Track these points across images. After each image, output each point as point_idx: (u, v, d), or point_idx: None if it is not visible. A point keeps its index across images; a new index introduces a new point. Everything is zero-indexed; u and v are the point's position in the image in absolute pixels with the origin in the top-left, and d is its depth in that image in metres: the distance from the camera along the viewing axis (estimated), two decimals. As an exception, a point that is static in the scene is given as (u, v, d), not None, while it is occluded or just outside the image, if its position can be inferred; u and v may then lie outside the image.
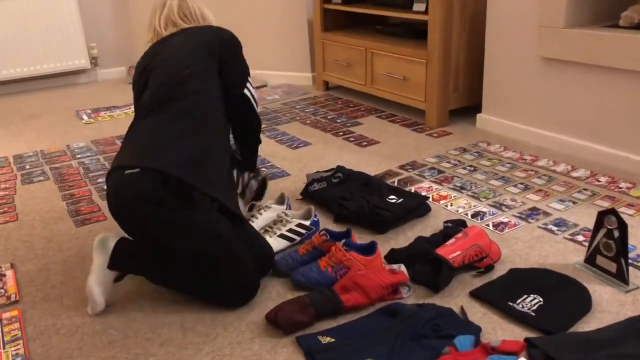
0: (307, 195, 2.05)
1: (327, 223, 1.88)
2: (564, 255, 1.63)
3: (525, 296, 1.41)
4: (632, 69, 2.04)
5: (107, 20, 4.04)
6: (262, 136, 1.82)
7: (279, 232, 1.72)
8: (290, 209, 1.88)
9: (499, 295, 1.43)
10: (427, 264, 1.52)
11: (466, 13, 2.64)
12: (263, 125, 2.91)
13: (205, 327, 1.40)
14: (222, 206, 1.47)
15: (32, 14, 3.66)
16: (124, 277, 1.52)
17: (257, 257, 1.52)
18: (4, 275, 1.66)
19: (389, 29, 3.17)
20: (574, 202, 1.93)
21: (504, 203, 1.95)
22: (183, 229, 1.41)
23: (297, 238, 1.74)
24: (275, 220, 1.76)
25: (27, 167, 2.52)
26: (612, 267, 1.47)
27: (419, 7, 2.72)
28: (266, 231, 1.73)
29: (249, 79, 1.71)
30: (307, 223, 1.76)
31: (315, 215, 1.80)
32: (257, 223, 1.76)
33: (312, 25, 3.44)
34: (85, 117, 3.23)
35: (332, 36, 3.31)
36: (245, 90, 1.67)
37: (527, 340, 1.24)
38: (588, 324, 1.33)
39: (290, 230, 1.73)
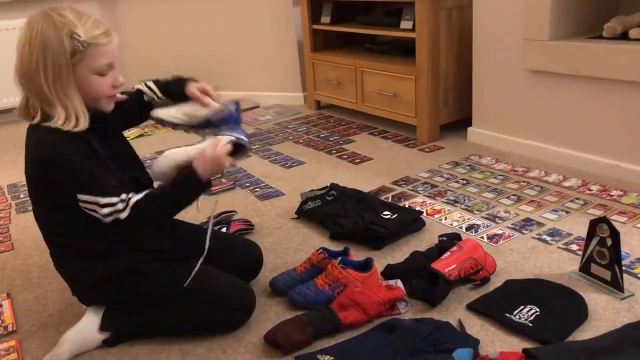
0: (302, 214, 2.05)
1: (323, 241, 1.89)
2: (558, 264, 1.64)
3: (521, 307, 1.41)
4: (617, 78, 2.08)
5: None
6: (255, 156, 1.63)
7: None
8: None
9: (496, 307, 1.44)
10: (424, 279, 1.52)
11: (452, 29, 2.68)
12: (256, 146, 2.93)
13: (204, 350, 1.40)
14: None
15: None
16: (116, 343, 1.45)
17: (245, 261, 1.58)
18: (1, 306, 1.66)
19: (377, 47, 3.21)
20: (566, 212, 1.95)
21: (498, 215, 1.97)
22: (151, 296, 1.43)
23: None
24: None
25: (22, 196, 2.52)
26: (607, 274, 1.48)
27: (406, 25, 2.76)
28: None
29: None
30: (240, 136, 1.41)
31: (237, 106, 1.43)
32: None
33: (302, 45, 3.48)
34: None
35: (322, 56, 3.35)
36: None
37: (524, 351, 1.24)
38: (585, 333, 1.34)
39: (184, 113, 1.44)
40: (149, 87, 1.52)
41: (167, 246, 1.49)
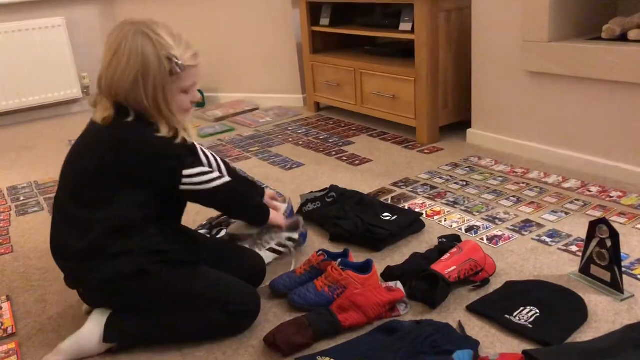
0: (302, 215, 2.05)
1: (322, 243, 1.89)
2: (558, 266, 1.64)
3: (521, 308, 1.41)
4: (616, 80, 2.08)
5: (98, 50, 4.04)
6: (255, 158, 1.78)
7: (267, 246, 1.72)
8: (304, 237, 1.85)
9: (496, 308, 1.44)
10: (424, 280, 1.52)
11: (452, 30, 2.68)
12: (256, 148, 2.93)
13: (204, 352, 1.40)
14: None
15: (23, 46, 3.68)
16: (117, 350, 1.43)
17: (249, 271, 1.57)
18: (1, 308, 1.65)
19: (377, 49, 3.22)
20: (566, 213, 1.95)
21: (497, 216, 1.97)
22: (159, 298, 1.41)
23: (285, 251, 1.75)
24: (261, 233, 1.72)
25: (22, 198, 2.52)
26: (607, 276, 1.48)
27: (405, 26, 2.77)
28: (255, 243, 1.72)
29: None
30: (296, 236, 1.75)
31: (304, 226, 1.80)
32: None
33: (302, 47, 3.49)
34: (78, 146, 3.23)
35: (321, 58, 3.35)
36: None
37: (524, 352, 1.24)
38: (585, 334, 1.34)
39: (279, 244, 1.73)
40: None
41: (167, 248, 1.47)
